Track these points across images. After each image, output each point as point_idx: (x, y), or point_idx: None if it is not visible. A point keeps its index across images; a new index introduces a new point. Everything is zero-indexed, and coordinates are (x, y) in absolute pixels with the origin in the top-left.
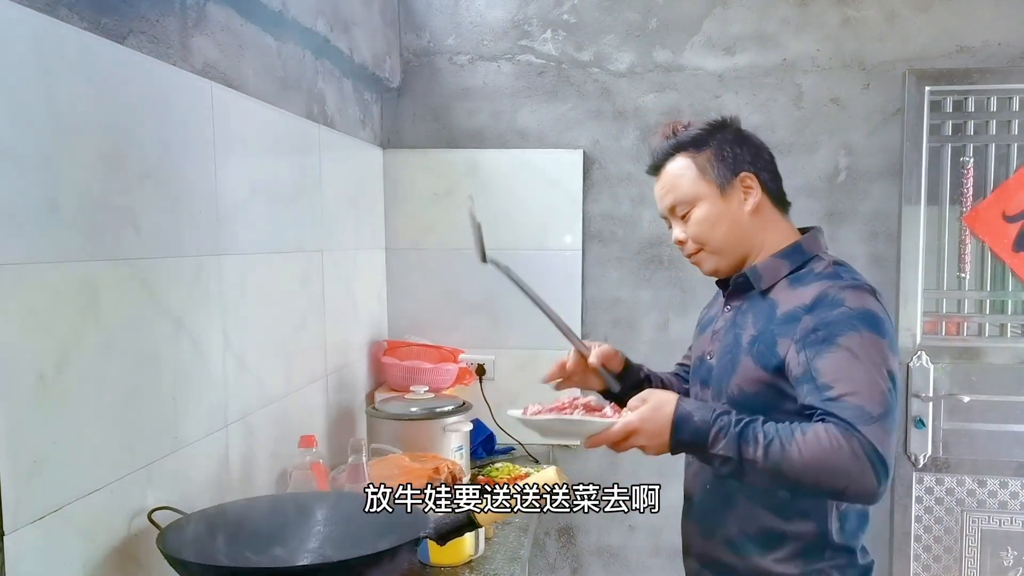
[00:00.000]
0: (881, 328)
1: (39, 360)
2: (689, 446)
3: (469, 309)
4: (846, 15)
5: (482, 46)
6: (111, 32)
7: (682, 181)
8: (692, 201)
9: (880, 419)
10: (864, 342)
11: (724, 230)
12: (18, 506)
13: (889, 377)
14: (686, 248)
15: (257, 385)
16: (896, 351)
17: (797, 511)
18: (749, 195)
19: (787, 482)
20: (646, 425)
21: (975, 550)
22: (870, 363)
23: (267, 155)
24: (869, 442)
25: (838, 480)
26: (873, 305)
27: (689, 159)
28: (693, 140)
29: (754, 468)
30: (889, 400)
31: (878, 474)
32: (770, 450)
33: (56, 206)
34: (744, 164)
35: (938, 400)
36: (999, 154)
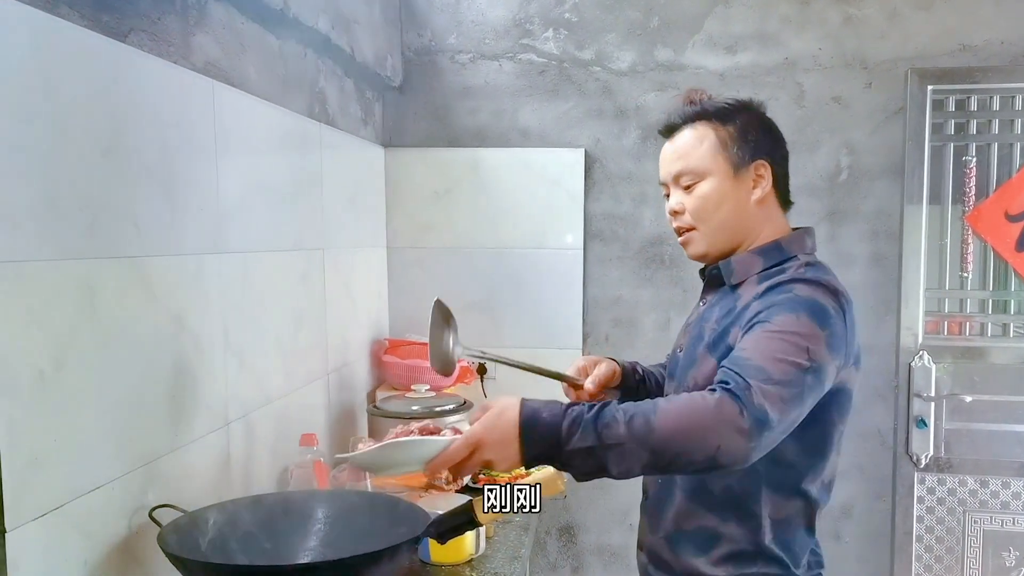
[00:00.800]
0: (822, 318)
1: (39, 358)
2: (543, 447)
3: (470, 308)
4: (848, 14)
5: (483, 45)
6: (112, 30)
7: (697, 150)
8: (702, 173)
9: (774, 383)
10: (795, 323)
11: (725, 213)
12: (18, 504)
13: (810, 360)
14: (680, 220)
15: (258, 383)
16: (838, 351)
17: (732, 512)
18: (759, 184)
19: (660, 461)
20: (490, 434)
21: (977, 550)
22: (791, 341)
23: (268, 153)
24: (747, 397)
25: (708, 440)
26: (824, 299)
27: (711, 129)
28: (720, 112)
29: (620, 453)
30: (795, 376)
31: (749, 432)
32: (633, 425)
33: (56, 204)
34: (763, 152)
35: (940, 400)
36: (1002, 153)
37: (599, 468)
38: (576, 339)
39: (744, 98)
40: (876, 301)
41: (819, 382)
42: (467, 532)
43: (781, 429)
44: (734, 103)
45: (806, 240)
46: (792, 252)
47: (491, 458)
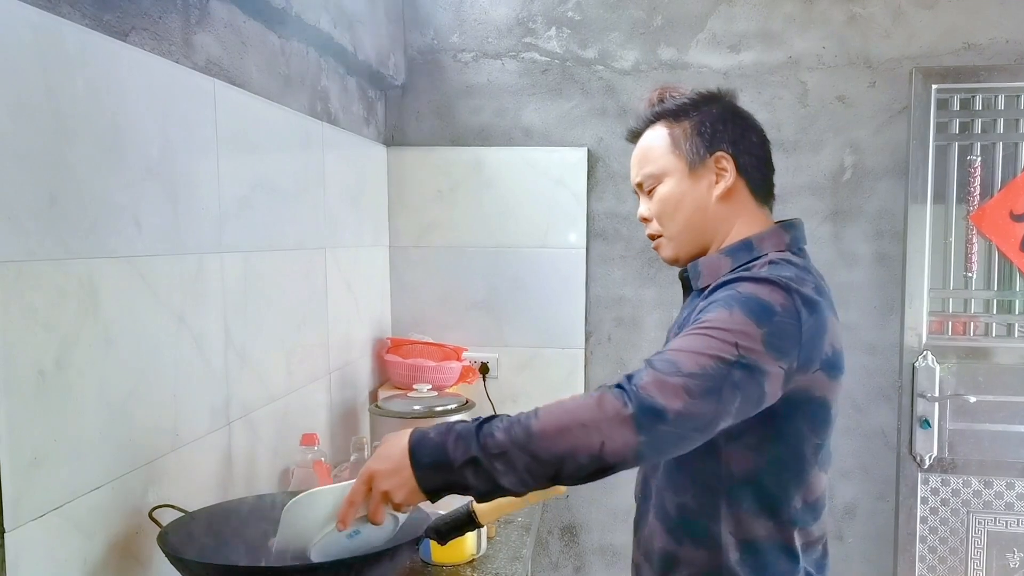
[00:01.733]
0: (760, 315)
1: (39, 357)
2: (434, 468)
3: (473, 307)
4: (852, 12)
5: (486, 43)
6: (113, 29)
7: (653, 152)
8: (659, 176)
9: (680, 375)
10: (726, 319)
11: (687, 212)
12: (18, 503)
13: (738, 355)
14: (648, 227)
15: (259, 383)
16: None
17: (687, 534)
18: (721, 178)
19: (545, 466)
20: (382, 464)
21: (981, 551)
22: (715, 336)
23: (270, 152)
24: (636, 390)
25: (590, 438)
26: (769, 296)
27: (666, 129)
28: (675, 110)
29: (506, 462)
30: (713, 368)
31: (635, 424)
32: (513, 431)
33: (57, 203)
34: (722, 143)
35: (944, 400)
36: (1006, 152)
37: (490, 482)
38: (579, 338)
39: (708, 90)
40: (880, 301)
41: (751, 380)
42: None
43: (687, 424)
44: (692, 98)
45: (782, 236)
46: (763, 250)
47: (387, 488)
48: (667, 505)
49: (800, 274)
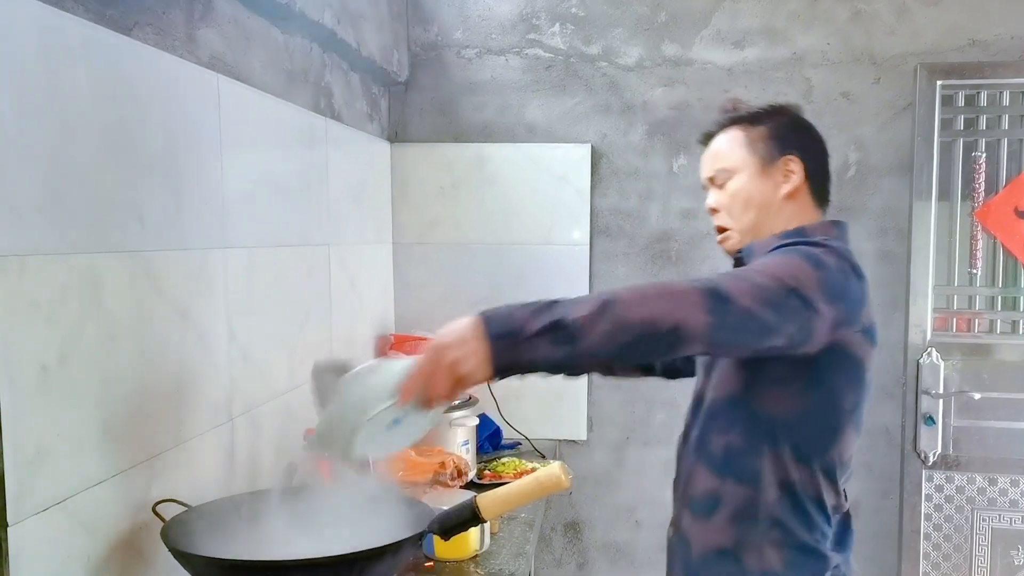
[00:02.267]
0: (818, 264)
1: (42, 351)
2: (508, 339)
3: (475, 304)
4: (856, 8)
5: (490, 40)
6: (116, 24)
7: (728, 150)
8: (732, 171)
9: (750, 283)
10: (786, 261)
11: (755, 209)
12: (21, 498)
13: (796, 284)
14: (716, 218)
15: (262, 378)
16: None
17: (732, 471)
18: (789, 178)
19: (624, 334)
20: (449, 335)
21: (985, 549)
22: (779, 266)
23: (273, 148)
24: (714, 282)
25: (671, 309)
26: (824, 255)
27: (742, 131)
28: (750, 116)
29: (588, 327)
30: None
31: (708, 306)
32: (593, 301)
33: (60, 198)
34: (792, 147)
35: (948, 397)
36: (1011, 149)
37: (568, 346)
38: None
39: (778, 103)
40: (884, 298)
41: (804, 312)
42: (471, 528)
43: (749, 323)
44: (768, 107)
45: (832, 229)
46: (814, 236)
47: (456, 357)
48: (713, 446)
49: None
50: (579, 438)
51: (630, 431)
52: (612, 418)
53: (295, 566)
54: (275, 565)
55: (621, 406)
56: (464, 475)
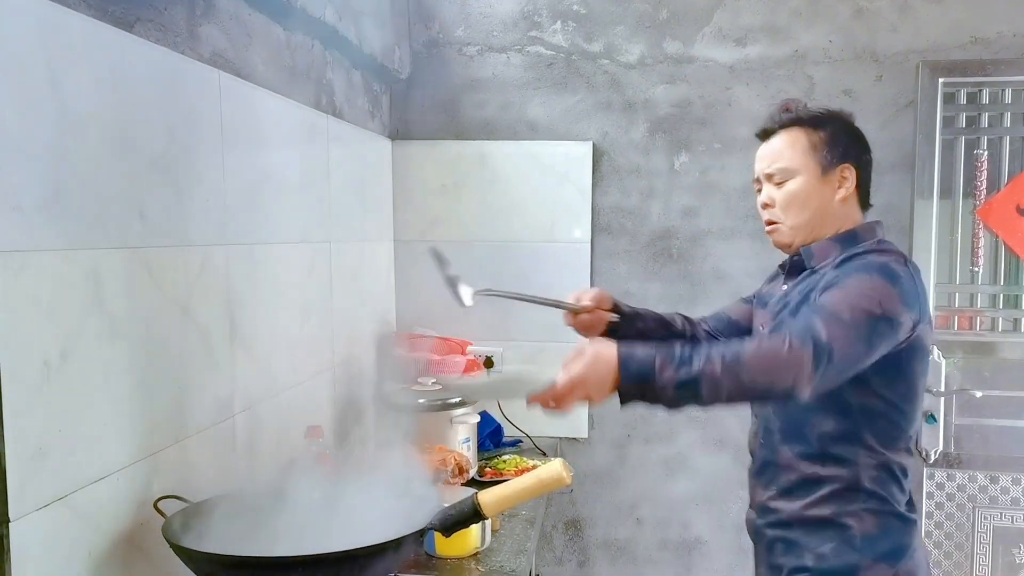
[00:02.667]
0: (893, 278)
1: (44, 347)
2: (639, 383)
3: (478, 301)
4: (858, 6)
5: (491, 37)
6: (118, 20)
7: (791, 151)
8: (793, 172)
9: (843, 324)
10: (868, 281)
11: (812, 209)
12: (23, 493)
13: (882, 309)
14: (769, 213)
15: (264, 375)
16: (912, 306)
17: (831, 459)
18: (844, 184)
19: (743, 391)
20: (591, 374)
21: (986, 547)
22: (864, 293)
23: (275, 145)
24: (815, 333)
25: (786, 375)
26: (895, 264)
27: (804, 133)
28: (813, 119)
29: (714, 386)
30: (864, 320)
31: (814, 370)
32: (726, 363)
33: (62, 194)
34: (850, 156)
35: (950, 395)
36: (1014, 147)
37: (687, 402)
38: None
39: (835, 108)
40: None
41: (892, 330)
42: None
43: (846, 362)
44: (826, 112)
45: (876, 229)
46: (865, 238)
47: (591, 394)
48: (807, 437)
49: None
50: (580, 436)
51: (631, 429)
52: (613, 416)
53: (298, 562)
54: (277, 562)
55: None
56: (465, 472)
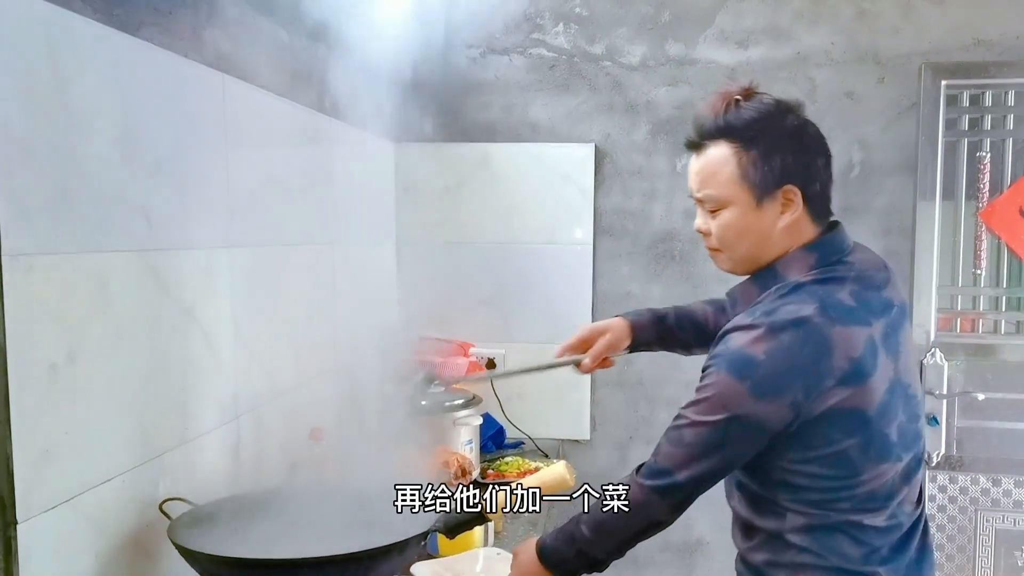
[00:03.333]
0: (743, 370)
1: (51, 350)
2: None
3: (480, 303)
4: (861, 8)
5: (494, 39)
6: (123, 23)
7: (718, 176)
8: (723, 202)
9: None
10: (714, 383)
11: (749, 242)
12: (29, 495)
13: (726, 412)
14: (706, 240)
15: (267, 377)
16: (776, 391)
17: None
18: (787, 210)
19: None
20: None
21: (989, 550)
22: (708, 398)
23: (278, 148)
24: (653, 474)
25: (645, 527)
26: (753, 348)
27: (733, 153)
28: (743, 129)
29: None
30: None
31: (667, 502)
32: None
33: (68, 197)
34: (792, 175)
35: (952, 398)
36: (1016, 149)
37: (596, 564)
38: None
39: (777, 102)
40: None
41: (749, 429)
42: (476, 527)
43: (700, 481)
44: (761, 114)
45: (807, 258)
46: (788, 276)
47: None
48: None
49: (802, 301)
50: (582, 437)
51: (633, 430)
52: (615, 417)
53: (301, 564)
54: (280, 563)
55: (624, 405)
56: (468, 474)
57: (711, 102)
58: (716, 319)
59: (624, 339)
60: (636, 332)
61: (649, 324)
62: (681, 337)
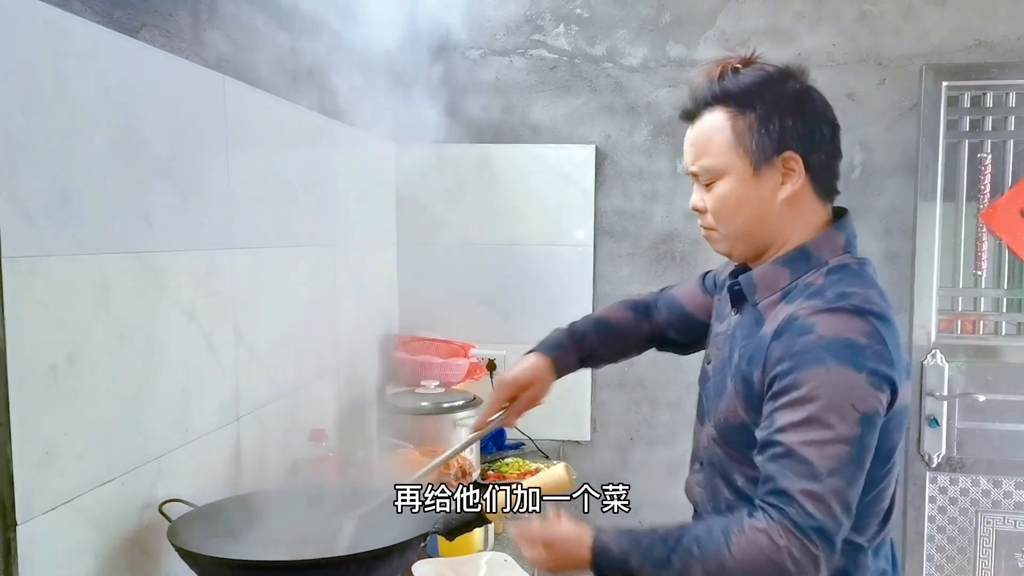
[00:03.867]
0: (856, 359)
1: (51, 352)
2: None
3: (480, 304)
4: (862, 9)
5: (495, 41)
6: (124, 26)
7: (712, 144)
8: (718, 171)
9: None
10: (825, 379)
11: (746, 216)
12: (29, 497)
13: (858, 415)
14: (702, 219)
15: (268, 378)
16: (885, 380)
17: None
18: (788, 180)
19: None
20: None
21: (989, 551)
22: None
23: (279, 149)
24: (805, 521)
25: None
26: (852, 332)
27: (728, 118)
28: (739, 94)
29: None
30: (845, 452)
31: (822, 553)
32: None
33: (68, 199)
34: (792, 141)
35: (953, 399)
36: (1017, 150)
37: None
38: None
39: (775, 69)
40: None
41: (874, 427)
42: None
43: (848, 515)
44: (759, 79)
45: (837, 237)
46: (822, 256)
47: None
48: None
49: (863, 285)
50: (583, 439)
51: (634, 432)
52: (616, 419)
53: (302, 566)
54: (280, 565)
55: (625, 407)
56: (468, 475)
57: (707, 69)
58: (639, 324)
59: (547, 383)
60: (559, 367)
61: (571, 350)
62: (603, 353)
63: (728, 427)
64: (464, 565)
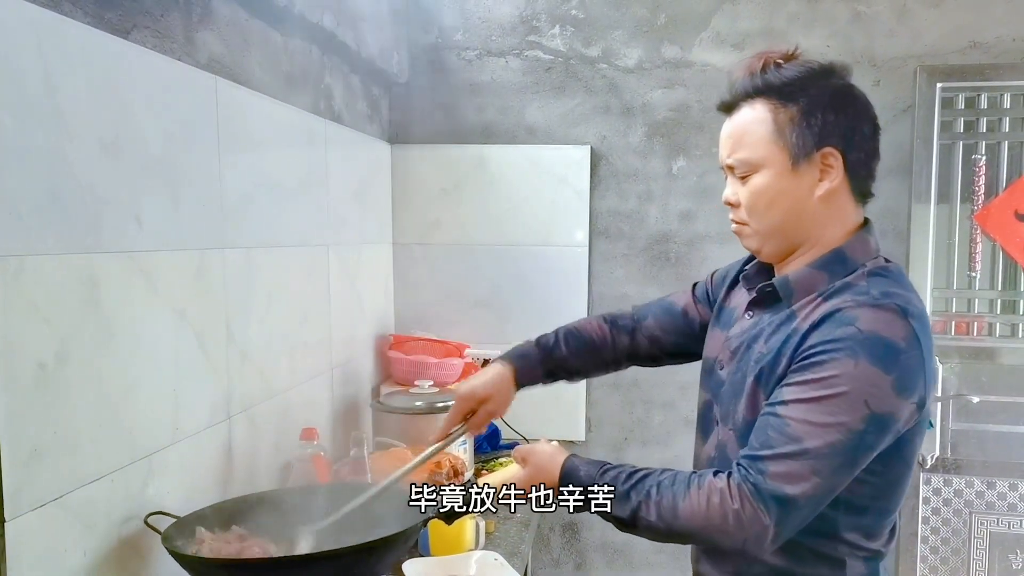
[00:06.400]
0: (888, 360)
1: (40, 350)
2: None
3: (475, 304)
4: (856, 10)
5: (490, 41)
6: (115, 27)
7: (751, 137)
8: (755, 164)
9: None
10: (852, 372)
11: (781, 212)
12: (18, 494)
13: (869, 412)
14: (734, 213)
15: (260, 378)
16: (912, 389)
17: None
18: (826, 176)
19: (682, 541)
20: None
21: (983, 553)
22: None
23: (272, 149)
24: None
25: (732, 540)
26: (891, 331)
27: (769, 110)
28: (782, 87)
29: (650, 530)
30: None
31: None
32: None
33: (59, 198)
34: (833, 137)
35: (947, 401)
36: (1012, 152)
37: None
38: None
39: (821, 64)
40: None
41: (885, 431)
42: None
43: (820, 501)
44: (803, 73)
45: (868, 241)
46: (857, 260)
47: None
48: None
49: (905, 288)
50: (578, 438)
51: (628, 431)
52: (611, 418)
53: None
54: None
55: (620, 407)
56: (460, 475)
57: (748, 62)
58: (616, 337)
59: (507, 395)
60: (520, 379)
61: (536, 361)
62: (575, 365)
63: (748, 425)
64: (455, 564)
